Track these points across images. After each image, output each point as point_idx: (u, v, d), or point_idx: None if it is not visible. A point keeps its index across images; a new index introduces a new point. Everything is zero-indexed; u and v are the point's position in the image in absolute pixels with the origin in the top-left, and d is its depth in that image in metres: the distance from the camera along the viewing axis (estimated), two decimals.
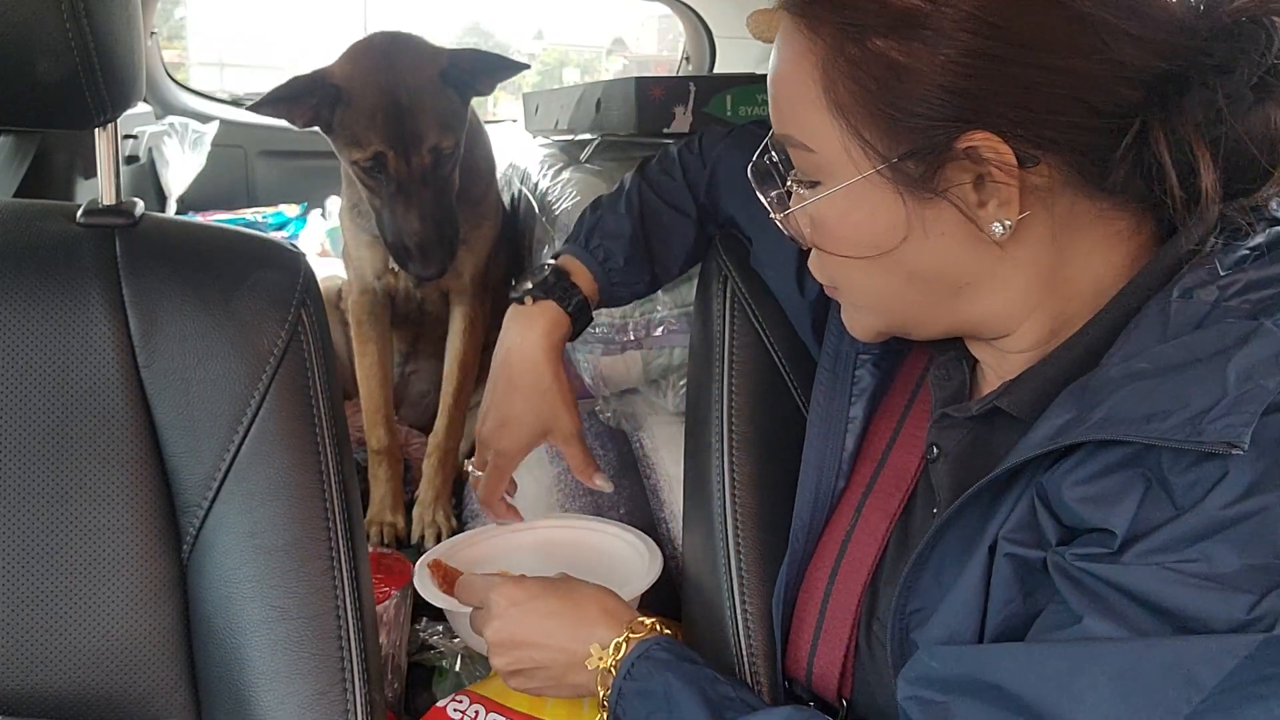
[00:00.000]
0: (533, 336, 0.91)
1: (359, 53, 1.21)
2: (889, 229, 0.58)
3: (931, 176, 0.55)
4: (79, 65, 0.68)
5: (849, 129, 0.56)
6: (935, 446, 0.66)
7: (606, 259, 0.94)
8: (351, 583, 0.73)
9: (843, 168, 0.58)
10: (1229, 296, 0.52)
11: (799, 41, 0.58)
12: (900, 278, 0.61)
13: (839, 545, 0.74)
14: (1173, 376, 0.50)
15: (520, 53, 9.76)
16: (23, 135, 1.52)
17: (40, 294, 0.71)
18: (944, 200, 0.56)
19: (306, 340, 0.75)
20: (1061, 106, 0.53)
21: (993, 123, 0.53)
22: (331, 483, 0.74)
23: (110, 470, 0.70)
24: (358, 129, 1.17)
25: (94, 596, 0.69)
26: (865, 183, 0.57)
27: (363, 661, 0.72)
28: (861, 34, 0.54)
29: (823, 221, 0.61)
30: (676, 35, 2.65)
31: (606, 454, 1.36)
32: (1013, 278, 0.59)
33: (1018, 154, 0.53)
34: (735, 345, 0.91)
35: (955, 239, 0.58)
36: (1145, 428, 0.48)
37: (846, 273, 0.64)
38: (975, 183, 0.55)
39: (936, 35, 0.52)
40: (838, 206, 0.60)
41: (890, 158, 0.56)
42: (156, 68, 2.40)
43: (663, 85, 1.30)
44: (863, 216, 0.59)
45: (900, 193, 0.57)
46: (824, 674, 0.73)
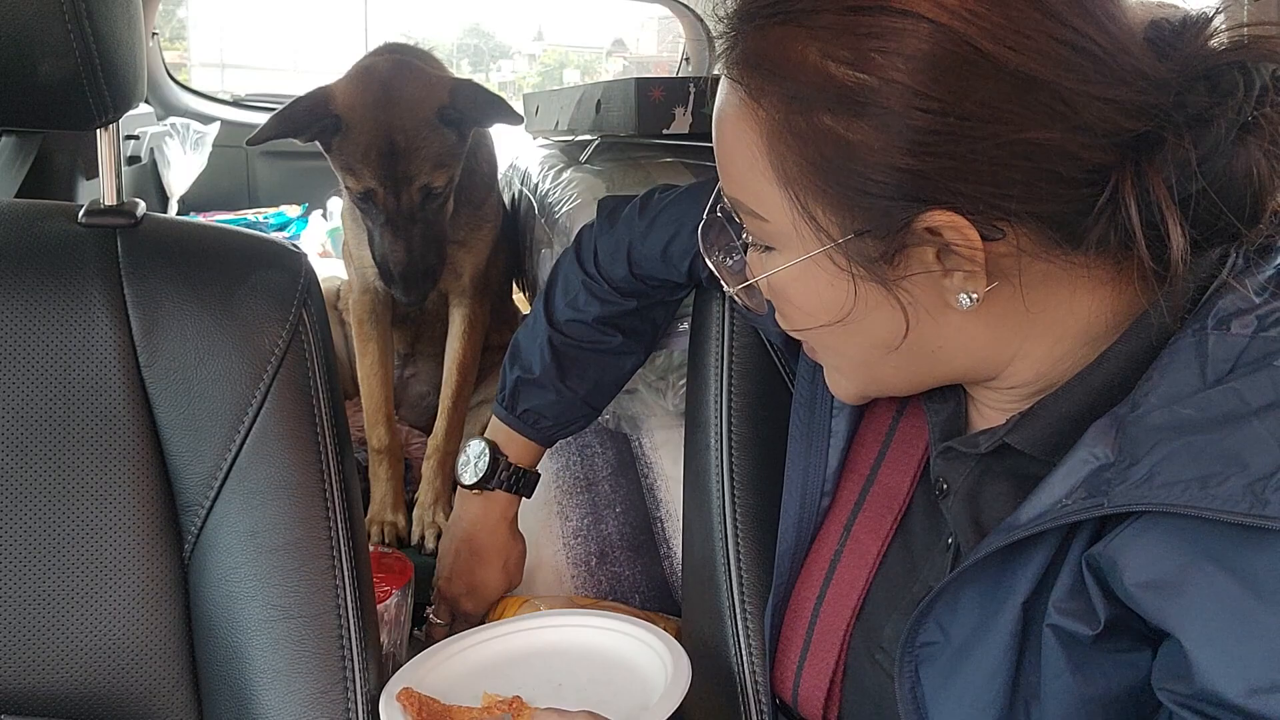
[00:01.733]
0: (491, 517, 1.02)
1: (362, 79, 1.22)
2: (847, 301, 0.55)
3: (891, 254, 0.52)
4: (80, 66, 0.68)
5: (798, 204, 0.53)
6: (944, 481, 0.63)
7: (538, 421, 0.99)
8: (352, 582, 0.73)
9: (794, 241, 0.55)
10: (1267, 326, 0.49)
11: (742, 109, 0.54)
12: (866, 345, 0.58)
13: (827, 567, 0.71)
14: (1225, 430, 0.46)
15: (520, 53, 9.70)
16: (24, 136, 1.52)
17: (42, 294, 0.71)
18: (904, 272, 0.53)
19: (307, 340, 0.75)
20: (1024, 179, 0.49)
21: (951, 201, 0.49)
22: (332, 482, 0.74)
23: (112, 469, 0.70)
24: (352, 161, 1.19)
25: (95, 595, 0.70)
26: (820, 256, 0.54)
27: (363, 660, 0.72)
28: (808, 108, 0.51)
29: (782, 289, 0.59)
30: (676, 36, 2.65)
31: (605, 454, 1.36)
32: (986, 335, 0.56)
33: (980, 230, 0.50)
34: (735, 345, 0.91)
35: (922, 308, 0.55)
36: (1201, 493, 0.44)
37: (814, 338, 0.63)
38: (939, 254, 0.52)
39: (884, 112, 0.49)
40: (794, 275, 0.57)
41: (845, 235, 0.53)
42: (158, 68, 2.40)
43: (663, 86, 1.30)
44: (821, 287, 0.56)
45: (855, 269, 0.54)
46: (810, 696, 0.71)
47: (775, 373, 0.90)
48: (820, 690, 0.70)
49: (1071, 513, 0.50)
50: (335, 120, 1.18)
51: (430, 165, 1.20)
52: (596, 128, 1.45)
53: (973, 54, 0.47)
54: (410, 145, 1.18)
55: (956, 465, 0.62)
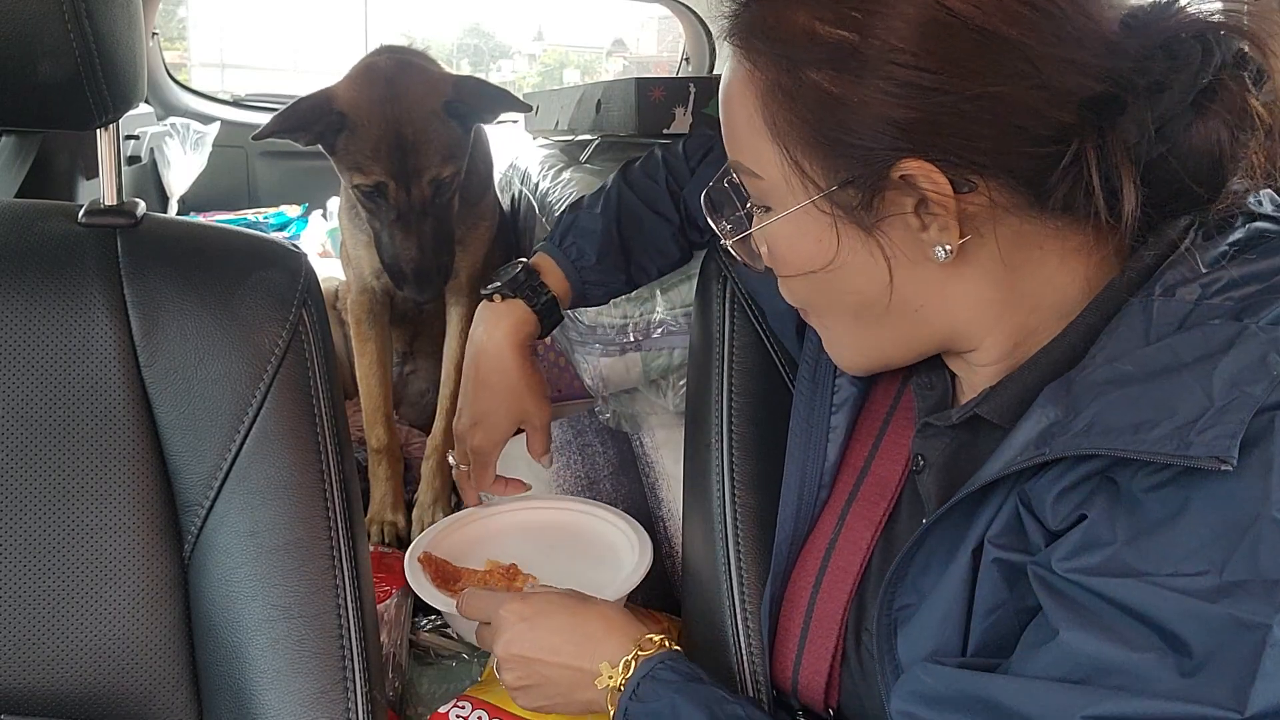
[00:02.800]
0: (499, 334, 0.93)
1: (365, 77, 1.22)
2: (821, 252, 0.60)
3: (870, 204, 0.56)
4: (80, 66, 0.68)
5: (789, 157, 0.58)
6: (920, 456, 0.66)
7: (579, 257, 0.95)
8: (352, 581, 0.73)
9: (786, 194, 0.59)
10: (1211, 294, 0.52)
11: (741, 71, 0.59)
12: (855, 301, 0.61)
13: (822, 555, 0.73)
14: (1158, 382, 0.49)
15: (520, 53, 9.71)
16: (24, 136, 1.52)
17: (42, 294, 0.71)
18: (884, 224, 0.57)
19: (307, 340, 0.75)
20: (993, 133, 0.53)
21: (925, 151, 0.53)
22: (332, 482, 0.74)
23: (112, 469, 0.70)
24: (361, 157, 1.19)
25: (95, 595, 0.70)
26: (808, 209, 0.59)
27: (363, 660, 0.72)
28: (795, 66, 0.55)
29: (774, 245, 0.63)
30: (676, 36, 2.65)
31: (607, 453, 1.36)
32: (966, 296, 0.59)
33: (953, 180, 0.54)
34: (735, 345, 0.91)
35: (902, 262, 0.58)
36: (1133, 439, 0.48)
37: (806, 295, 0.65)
38: (917, 208, 0.56)
39: (866, 67, 0.53)
40: (785, 231, 0.61)
41: (829, 186, 0.57)
42: (158, 68, 2.40)
43: (663, 86, 1.30)
44: (808, 241, 0.60)
45: (839, 220, 0.58)
46: (810, 684, 0.73)
47: (775, 373, 0.90)
48: (820, 678, 0.71)
49: (1019, 463, 0.54)
50: (340, 118, 1.18)
51: (439, 158, 1.20)
52: (597, 127, 1.45)
53: (944, 14, 0.52)
54: (419, 138, 1.18)
55: (933, 441, 0.66)
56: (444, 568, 0.95)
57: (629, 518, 1.02)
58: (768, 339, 0.90)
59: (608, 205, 0.97)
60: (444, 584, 0.94)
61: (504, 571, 0.97)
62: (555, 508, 1.08)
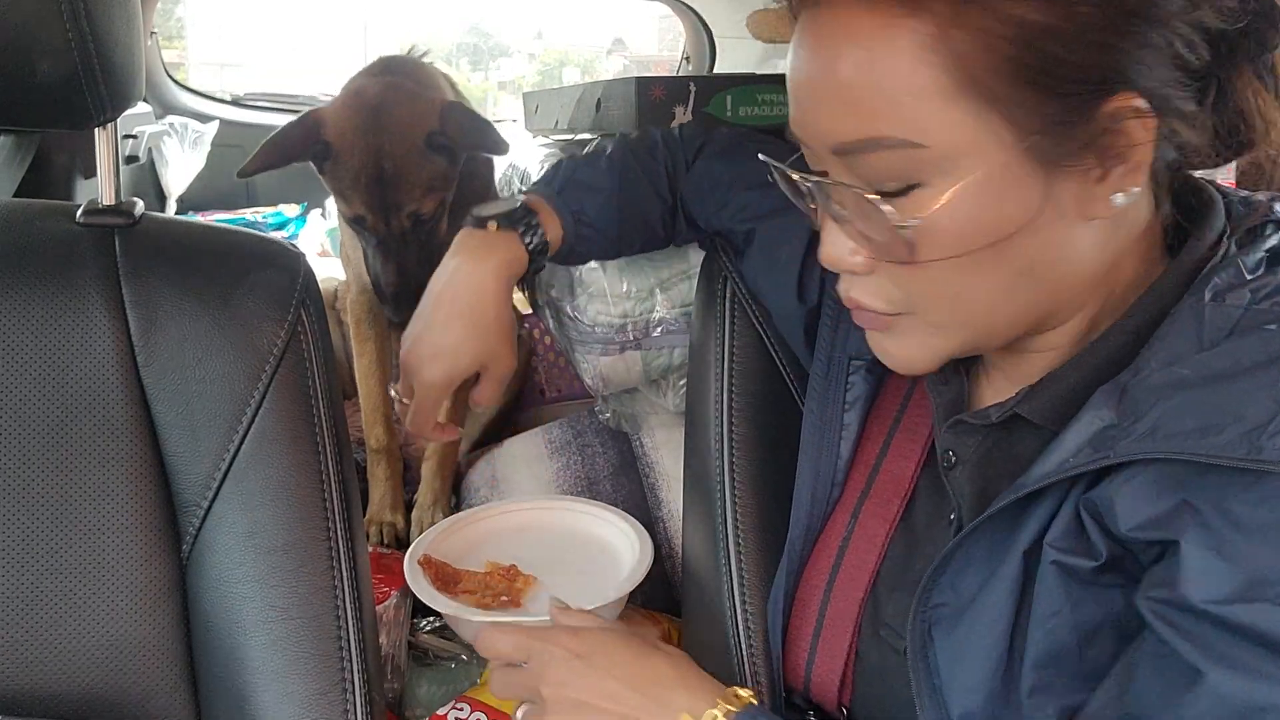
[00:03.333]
0: (488, 266, 0.86)
1: (353, 103, 1.22)
2: (1018, 212, 0.53)
3: (1066, 147, 0.51)
4: (79, 65, 0.68)
5: (985, 106, 0.51)
6: (951, 453, 0.65)
7: (579, 210, 0.91)
8: (351, 582, 0.73)
9: (969, 154, 0.52)
10: (1260, 300, 0.52)
11: (889, 30, 0.51)
12: (1011, 273, 0.55)
13: (835, 552, 0.73)
14: (1220, 387, 0.49)
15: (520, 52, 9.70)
16: (22, 135, 1.52)
17: (40, 294, 0.71)
18: (1067, 174, 0.52)
19: (306, 340, 0.75)
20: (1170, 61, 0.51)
21: (1134, 82, 0.50)
22: (331, 483, 0.74)
23: (110, 470, 0.70)
24: (343, 186, 1.20)
25: (94, 596, 0.69)
26: (993, 164, 0.52)
27: (362, 661, 0.72)
28: (991, 2, 0.49)
29: (934, 224, 0.54)
30: (676, 35, 2.65)
31: (607, 453, 1.36)
32: (1093, 262, 0.56)
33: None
34: (735, 345, 0.91)
35: (1070, 218, 0.54)
36: (1201, 442, 0.47)
37: (944, 283, 0.56)
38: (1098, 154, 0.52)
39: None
40: (961, 199, 0.53)
41: (1031, 131, 0.51)
42: (156, 67, 2.40)
43: (663, 85, 1.30)
44: (990, 202, 0.53)
45: (1034, 169, 0.52)
46: (823, 682, 0.72)
47: (776, 373, 0.90)
48: (834, 674, 0.71)
49: (1077, 466, 0.52)
50: (325, 147, 1.19)
51: (420, 192, 1.21)
52: (597, 126, 1.44)
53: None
54: (398, 172, 1.19)
55: (965, 438, 0.64)
56: (444, 569, 0.95)
57: (629, 518, 1.02)
58: (768, 339, 0.90)
59: (613, 167, 0.94)
60: (444, 586, 0.94)
61: (504, 572, 0.97)
62: (555, 508, 1.08)
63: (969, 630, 0.58)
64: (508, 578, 0.97)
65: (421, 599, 0.93)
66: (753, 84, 1.30)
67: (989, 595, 0.57)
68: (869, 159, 0.54)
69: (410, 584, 0.94)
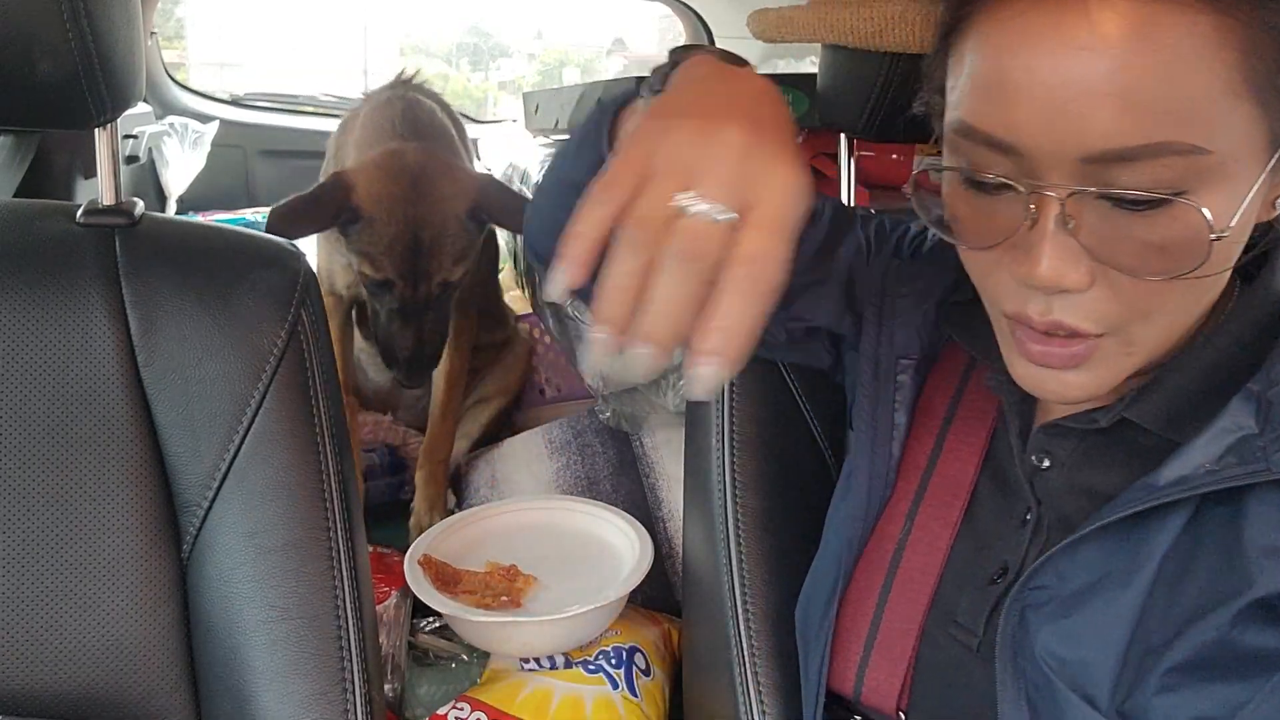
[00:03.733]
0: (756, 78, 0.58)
1: (389, 169, 1.19)
2: (1256, 208, 0.51)
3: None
4: (79, 65, 0.68)
5: (1260, 109, 0.49)
6: (1046, 455, 0.64)
7: None
8: (351, 582, 0.73)
9: (1243, 160, 0.49)
10: None
11: (1192, 25, 0.47)
12: (1220, 280, 0.55)
13: (890, 556, 0.71)
14: None
15: (520, 52, 9.69)
16: (23, 135, 1.52)
17: (40, 294, 0.71)
18: None
19: (306, 339, 0.75)
20: None
21: None
22: (331, 482, 0.74)
23: (110, 470, 0.70)
24: (374, 251, 1.17)
25: (94, 596, 0.69)
26: (1261, 164, 0.50)
27: (362, 661, 0.72)
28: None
29: (1194, 235, 0.49)
30: (676, 35, 2.64)
31: (606, 453, 1.36)
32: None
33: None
34: None
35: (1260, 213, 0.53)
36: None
37: (1170, 294, 0.53)
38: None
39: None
40: (1225, 195, 0.50)
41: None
42: (156, 67, 2.40)
43: None
44: (1246, 198, 0.50)
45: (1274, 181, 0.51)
46: (879, 687, 0.70)
47: (776, 372, 0.90)
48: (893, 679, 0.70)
49: (1225, 479, 0.52)
50: (354, 212, 1.17)
51: (451, 261, 1.20)
52: None
53: None
54: (436, 242, 1.18)
55: (1061, 440, 0.64)
56: (444, 569, 0.96)
57: (629, 518, 1.02)
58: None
59: None
60: (444, 586, 0.94)
61: (504, 572, 0.97)
62: (555, 508, 1.08)
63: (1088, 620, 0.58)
64: (508, 578, 0.97)
65: (422, 599, 0.93)
66: None
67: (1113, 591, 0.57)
68: (1142, 166, 0.49)
69: (410, 584, 0.94)
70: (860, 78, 0.89)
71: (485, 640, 0.98)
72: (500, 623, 0.93)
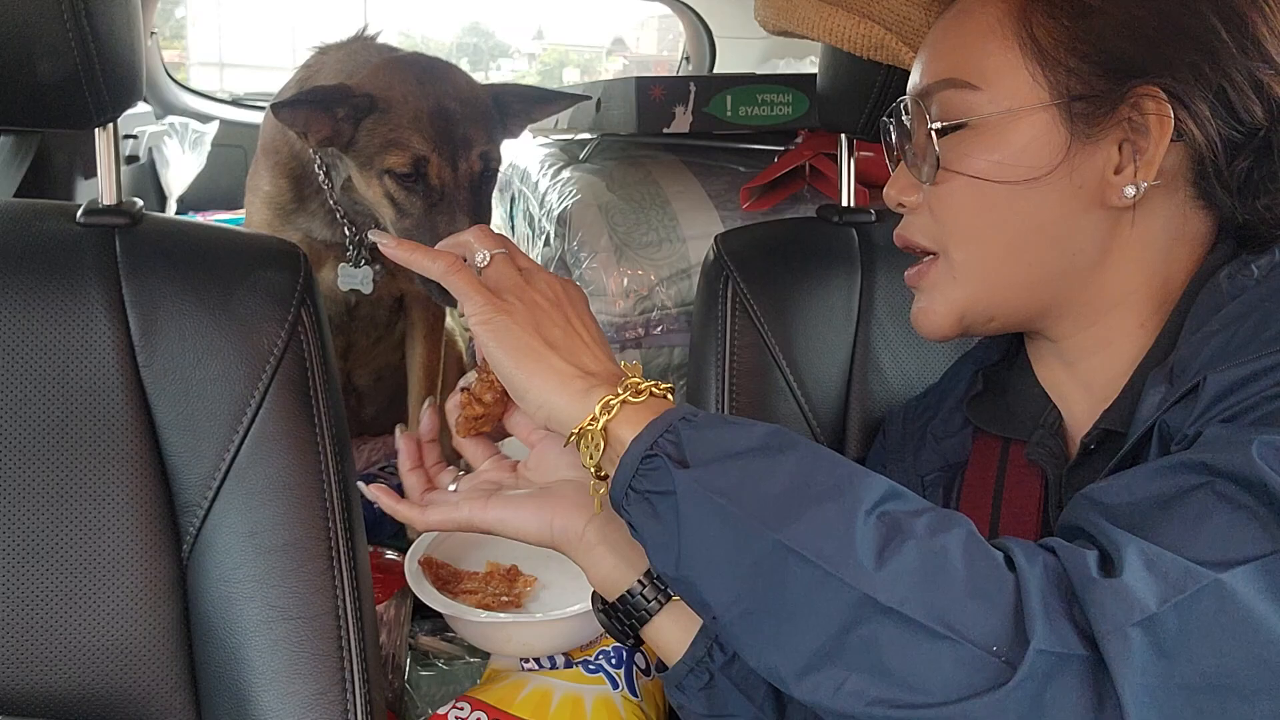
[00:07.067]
0: None
1: (392, 68, 1.08)
2: (1037, 162, 0.61)
3: (1095, 119, 0.60)
4: (79, 65, 0.68)
5: (1035, 63, 0.61)
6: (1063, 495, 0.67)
7: None
8: (351, 582, 0.73)
9: (1015, 99, 0.62)
10: (1266, 274, 0.59)
11: (989, 3, 0.64)
12: (1023, 227, 0.63)
13: None
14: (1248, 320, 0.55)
15: (520, 52, 9.64)
16: (23, 135, 1.52)
17: (40, 294, 0.71)
18: (1091, 150, 0.60)
19: (306, 340, 0.75)
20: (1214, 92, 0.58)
21: (1162, 80, 0.58)
22: (331, 482, 0.74)
23: (110, 469, 0.70)
24: (396, 133, 1.04)
25: (94, 596, 0.69)
26: (1032, 114, 0.61)
27: (362, 661, 0.72)
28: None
29: (965, 153, 0.63)
30: (676, 35, 2.65)
31: None
32: (1119, 258, 0.63)
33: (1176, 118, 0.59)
34: (735, 345, 0.91)
35: (1086, 195, 0.61)
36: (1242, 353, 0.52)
37: (969, 215, 0.65)
38: (1122, 144, 0.60)
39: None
40: (994, 136, 0.63)
41: (1068, 95, 0.60)
42: (156, 67, 2.40)
43: (663, 85, 1.30)
44: (1020, 144, 0.62)
45: (1061, 130, 0.61)
46: None
47: (776, 372, 0.90)
48: None
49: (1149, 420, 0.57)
50: (368, 99, 1.04)
51: (486, 135, 1.07)
52: (596, 126, 1.44)
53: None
54: (466, 113, 1.06)
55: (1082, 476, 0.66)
56: (444, 570, 0.96)
57: None
58: (768, 339, 0.90)
59: None
60: (445, 586, 0.94)
61: (504, 573, 0.97)
62: None
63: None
64: (508, 578, 0.97)
65: (422, 599, 0.93)
66: (753, 84, 1.30)
67: None
68: (941, 97, 0.65)
69: (411, 585, 0.94)
70: (860, 79, 0.89)
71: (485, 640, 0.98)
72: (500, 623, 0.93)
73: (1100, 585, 0.44)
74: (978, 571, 0.46)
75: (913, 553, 0.47)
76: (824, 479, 0.51)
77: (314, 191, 1.19)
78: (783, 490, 0.50)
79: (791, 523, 0.49)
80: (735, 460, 0.52)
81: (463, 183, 1.05)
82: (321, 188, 1.17)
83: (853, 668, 0.47)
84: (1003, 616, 0.44)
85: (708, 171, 1.37)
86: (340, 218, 1.18)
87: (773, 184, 1.32)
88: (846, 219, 0.97)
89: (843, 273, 0.93)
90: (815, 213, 1.00)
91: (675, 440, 0.54)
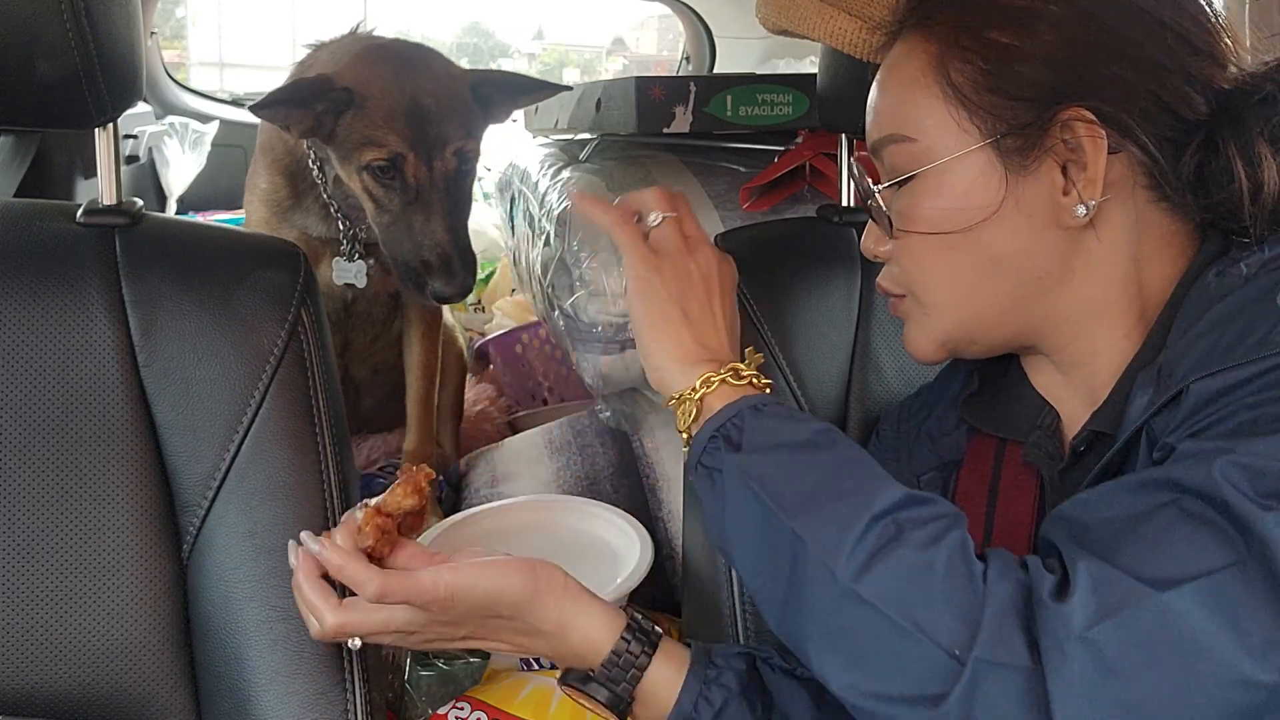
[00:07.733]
0: None
1: (371, 58, 1.10)
2: (982, 203, 0.62)
3: (1028, 151, 0.61)
4: (79, 65, 0.68)
5: (959, 108, 0.62)
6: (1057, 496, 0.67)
7: None
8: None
9: (947, 146, 0.63)
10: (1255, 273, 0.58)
11: (913, 45, 0.65)
12: (984, 263, 0.64)
13: None
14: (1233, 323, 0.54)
15: (520, 53, 9.66)
16: (23, 135, 1.52)
17: (40, 293, 0.71)
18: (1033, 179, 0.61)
19: (306, 339, 0.75)
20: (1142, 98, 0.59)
21: (1086, 102, 0.59)
22: (331, 482, 0.74)
23: (110, 469, 0.70)
24: (372, 130, 1.05)
25: (94, 596, 0.69)
26: (966, 158, 0.62)
27: (362, 661, 0.72)
28: (977, 29, 0.62)
29: (915, 204, 0.65)
30: (676, 35, 2.65)
31: (607, 453, 1.36)
32: (1089, 273, 0.63)
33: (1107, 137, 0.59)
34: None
35: (1040, 222, 0.62)
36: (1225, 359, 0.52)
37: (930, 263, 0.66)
38: (1063, 169, 0.61)
39: (1042, 23, 0.60)
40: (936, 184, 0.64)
41: (995, 134, 0.61)
42: (156, 68, 2.40)
43: (663, 85, 1.30)
44: (961, 189, 0.63)
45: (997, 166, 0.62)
46: None
47: (775, 373, 0.90)
48: None
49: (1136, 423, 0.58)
50: (345, 95, 1.05)
51: (462, 131, 1.08)
52: (596, 126, 1.44)
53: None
54: (442, 109, 1.06)
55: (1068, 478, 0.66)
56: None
57: (629, 518, 1.02)
58: (768, 339, 0.90)
59: None
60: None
61: None
62: (555, 507, 1.08)
63: None
64: None
65: None
66: (753, 84, 1.30)
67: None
68: (888, 153, 0.66)
69: None
70: (860, 79, 0.89)
71: None
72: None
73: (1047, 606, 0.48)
74: (954, 580, 0.51)
75: (902, 557, 0.52)
76: (848, 480, 0.57)
77: (309, 187, 1.20)
78: (810, 485, 0.57)
79: (806, 514, 0.55)
80: (779, 451, 0.59)
81: (438, 180, 1.08)
82: (316, 183, 1.18)
83: (837, 651, 0.54)
84: (966, 623, 0.49)
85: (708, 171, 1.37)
86: (334, 212, 1.20)
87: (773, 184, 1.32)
88: (846, 219, 0.97)
89: (843, 273, 0.93)
90: (815, 213, 1.00)
91: (739, 425, 0.61)
